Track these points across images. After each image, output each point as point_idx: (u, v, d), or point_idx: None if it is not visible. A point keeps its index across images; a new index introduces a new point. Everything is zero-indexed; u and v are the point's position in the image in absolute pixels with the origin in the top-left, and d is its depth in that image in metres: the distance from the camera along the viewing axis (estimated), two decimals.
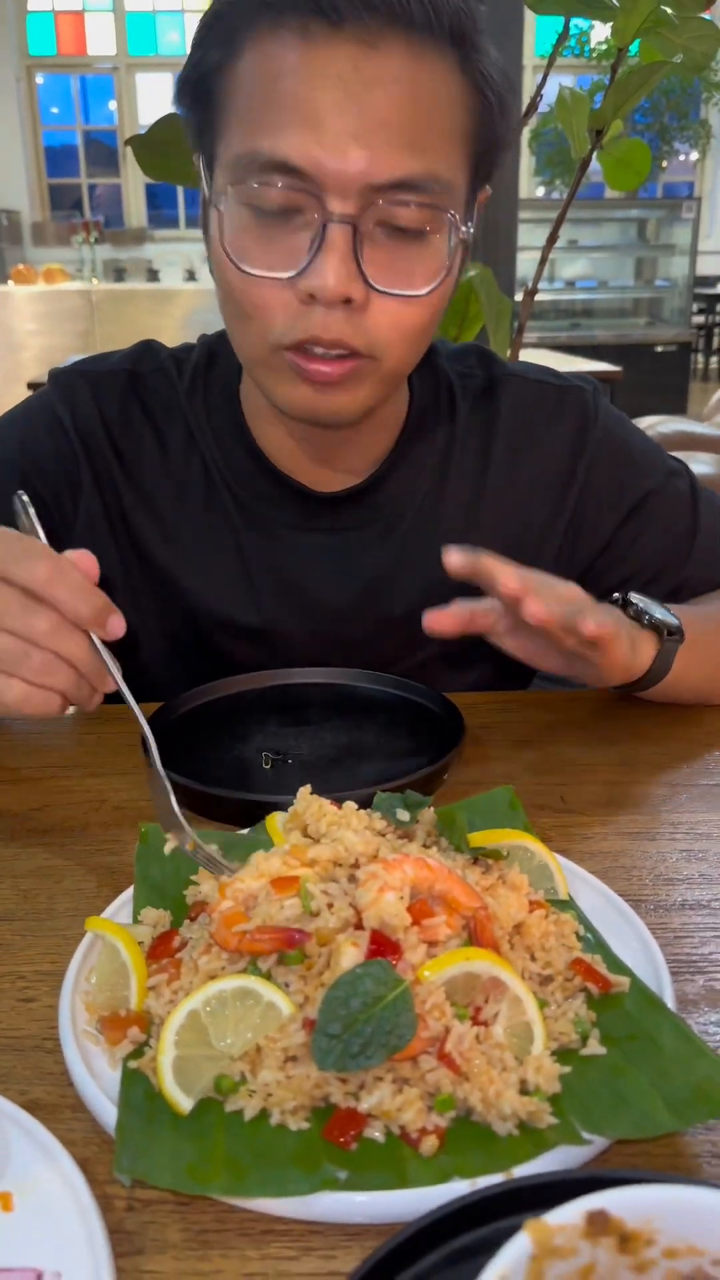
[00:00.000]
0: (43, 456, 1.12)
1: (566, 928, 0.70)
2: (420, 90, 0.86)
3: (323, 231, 0.87)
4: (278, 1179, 0.53)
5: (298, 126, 0.84)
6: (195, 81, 0.92)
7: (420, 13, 0.84)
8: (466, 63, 0.88)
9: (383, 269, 0.89)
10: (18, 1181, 0.54)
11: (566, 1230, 0.39)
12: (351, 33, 0.83)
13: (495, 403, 1.17)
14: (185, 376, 1.15)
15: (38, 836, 0.89)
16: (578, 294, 9.36)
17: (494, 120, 0.93)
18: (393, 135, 0.85)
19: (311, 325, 0.90)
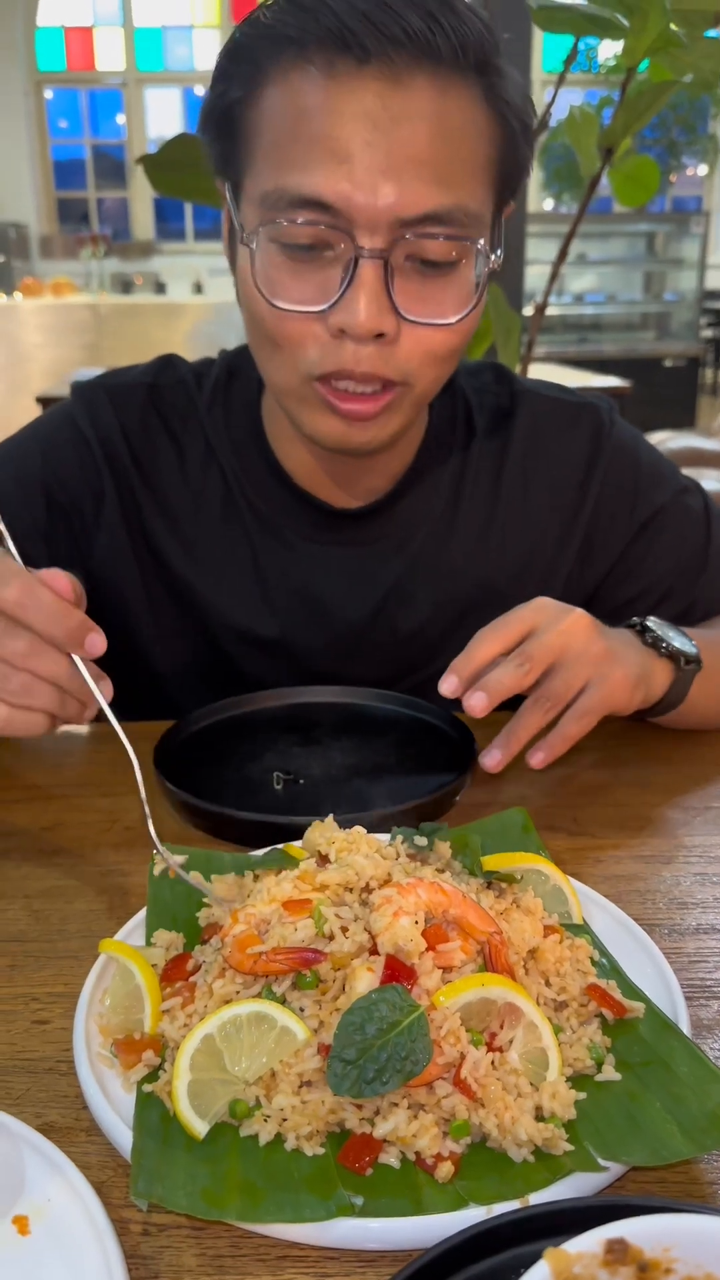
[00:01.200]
0: (65, 467, 1.13)
1: (581, 953, 0.70)
2: (447, 124, 0.86)
3: (354, 266, 0.87)
4: (293, 1204, 0.53)
5: (327, 163, 0.85)
6: (220, 113, 0.92)
7: (446, 46, 0.84)
8: (490, 91, 0.89)
9: (413, 300, 0.90)
10: (34, 1205, 0.54)
11: (585, 1259, 0.39)
12: (378, 69, 0.84)
13: (511, 420, 1.18)
14: (205, 391, 1.16)
15: (49, 856, 0.89)
16: (586, 308, 9.39)
17: (517, 145, 0.93)
18: (421, 170, 0.85)
19: (343, 358, 0.91)
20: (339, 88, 0.84)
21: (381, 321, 0.88)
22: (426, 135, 0.85)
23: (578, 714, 0.92)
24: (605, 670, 0.92)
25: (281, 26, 0.86)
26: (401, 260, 0.89)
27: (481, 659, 0.91)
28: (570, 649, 0.91)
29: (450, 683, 0.91)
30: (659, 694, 0.99)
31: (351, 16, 0.82)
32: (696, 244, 9.05)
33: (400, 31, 0.82)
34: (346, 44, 0.83)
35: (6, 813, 0.96)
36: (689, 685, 1.01)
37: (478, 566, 1.16)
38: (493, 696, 0.89)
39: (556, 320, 8.97)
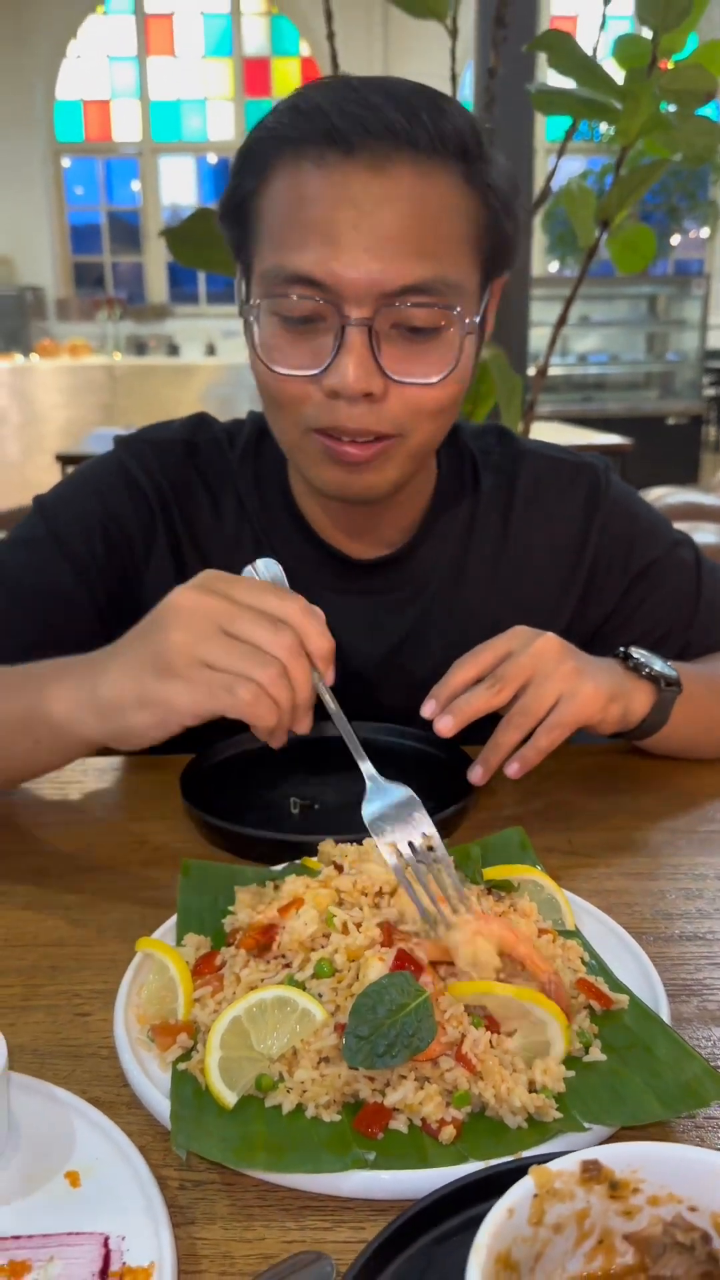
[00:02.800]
0: (122, 508, 1.21)
1: (572, 952, 0.77)
2: (427, 204, 0.96)
3: (342, 334, 0.97)
4: (313, 1159, 0.60)
5: (317, 244, 0.95)
6: (234, 205, 1.04)
7: (424, 137, 0.94)
8: (472, 175, 0.99)
9: (399, 362, 0.99)
10: (84, 1164, 0.61)
11: (564, 1176, 0.46)
12: (362, 158, 0.94)
13: (514, 478, 1.27)
14: (237, 448, 1.25)
15: (85, 874, 0.97)
16: (590, 368, 9.56)
17: (501, 223, 1.03)
18: (402, 246, 0.95)
19: (337, 416, 1.00)
20: (328, 177, 0.95)
21: (369, 382, 0.98)
22: (407, 215, 0.95)
23: (548, 727, 0.99)
24: (575, 686, 1.00)
25: (283, 129, 0.97)
26: (387, 327, 0.98)
27: (457, 684, 1.01)
28: (540, 669, 1.00)
29: (429, 707, 1.01)
30: (641, 714, 1.07)
31: (339, 116, 0.93)
32: (698, 305, 9.23)
33: (381, 126, 0.93)
34: (334, 139, 0.94)
35: (46, 835, 1.04)
36: (670, 708, 1.08)
37: (486, 614, 1.23)
38: (459, 717, 0.98)
39: (561, 380, 9.14)
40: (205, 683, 0.83)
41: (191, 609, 0.85)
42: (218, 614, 0.84)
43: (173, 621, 0.85)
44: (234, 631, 0.83)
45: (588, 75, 2.00)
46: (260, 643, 0.83)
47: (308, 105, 0.96)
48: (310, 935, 0.72)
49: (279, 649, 0.83)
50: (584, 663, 1.02)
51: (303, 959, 0.71)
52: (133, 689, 0.85)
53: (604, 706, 1.01)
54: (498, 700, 0.99)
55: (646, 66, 2.10)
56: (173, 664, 0.83)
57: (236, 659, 0.82)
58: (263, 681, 0.82)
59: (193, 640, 0.83)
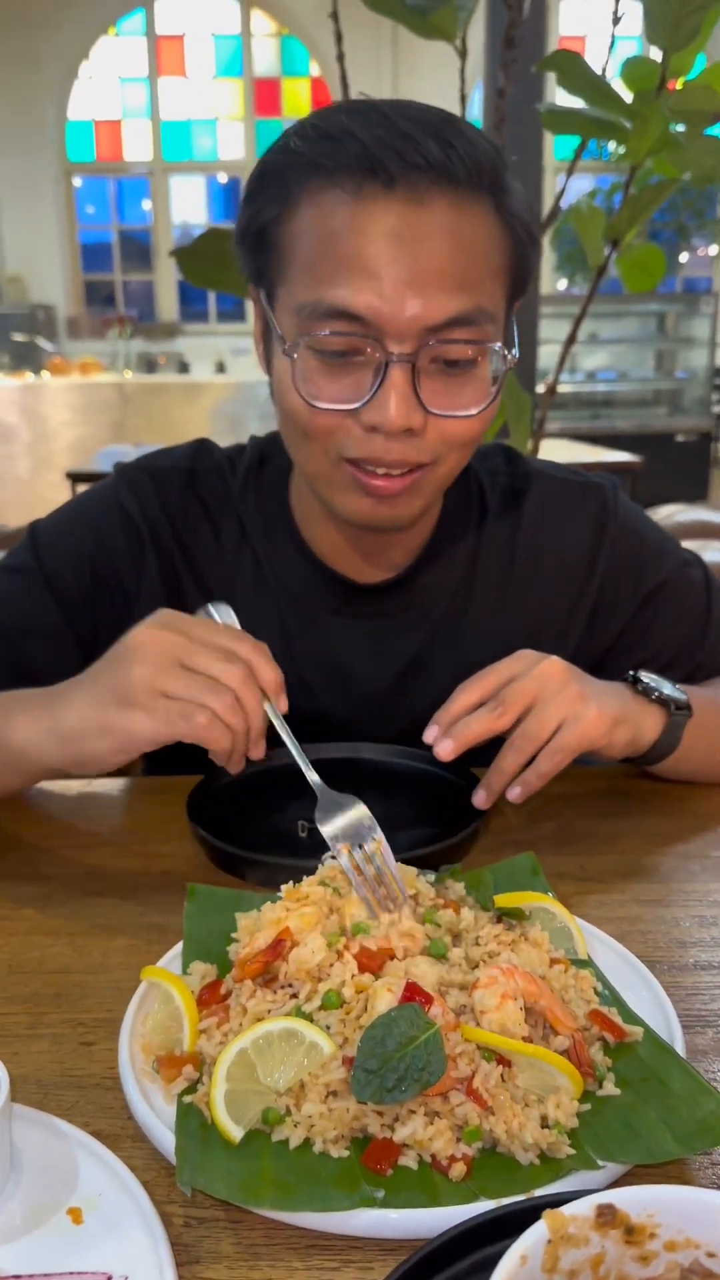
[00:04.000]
0: (113, 543, 1.21)
1: (585, 983, 0.76)
2: (463, 237, 0.95)
3: (385, 370, 0.96)
4: (321, 1197, 0.59)
5: (358, 278, 0.94)
6: (255, 230, 1.02)
7: (462, 170, 0.93)
8: (500, 206, 0.98)
9: (438, 396, 0.98)
10: (87, 1199, 0.60)
11: (579, 1220, 0.45)
12: (401, 193, 0.93)
13: (521, 499, 1.26)
14: (239, 475, 1.25)
15: (91, 898, 0.96)
16: (599, 385, 9.56)
17: (525, 251, 1.03)
18: (443, 280, 0.94)
19: (374, 449, 0.99)
20: (366, 210, 0.93)
21: (410, 419, 0.97)
22: (446, 249, 0.94)
23: (550, 752, 0.98)
24: (579, 710, 0.98)
25: (311, 154, 0.95)
26: (427, 363, 0.97)
27: (460, 708, 1.00)
28: (544, 692, 0.99)
29: (431, 732, 1.01)
30: (651, 739, 1.06)
31: (376, 146, 0.91)
32: (707, 323, 9.24)
33: (421, 159, 0.91)
34: (373, 170, 0.92)
35: (53, 859, 1.03)
36: (681, 732, 1.07)
37: (493, 637, 1.22)
38: (459, 741, 0.99)
39: (570, 397, 9.14)
40: (164, 711, 0.90)
41: (151, 645, 0.92)
42: (175, 649, 0.92)
43: (134, 657, 0.92)
44: (190, 664, 0.92)
45: (597, 95, 2.00)
46: (214, 674, 0.91)
47: (339, 131, 0.94)
48: (317, 964, 0.71)
49: (231, 679, 0.91)
50: (588, 687, 1.01)
51: (310, 989, 0.70)
52: (95, 718, 0.93)
53: (609, 731, 1.00)
54: (499, 724, 0.99)
55: (656, 87, 2.10)
56: (133, 695, 0.91)
57: (193, 689, 0.90)
58: (217, 709, 0.90)
59: (152, 673, 0.91)
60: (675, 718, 1.06)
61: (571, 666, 1.02)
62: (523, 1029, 0.66)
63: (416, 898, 0.82)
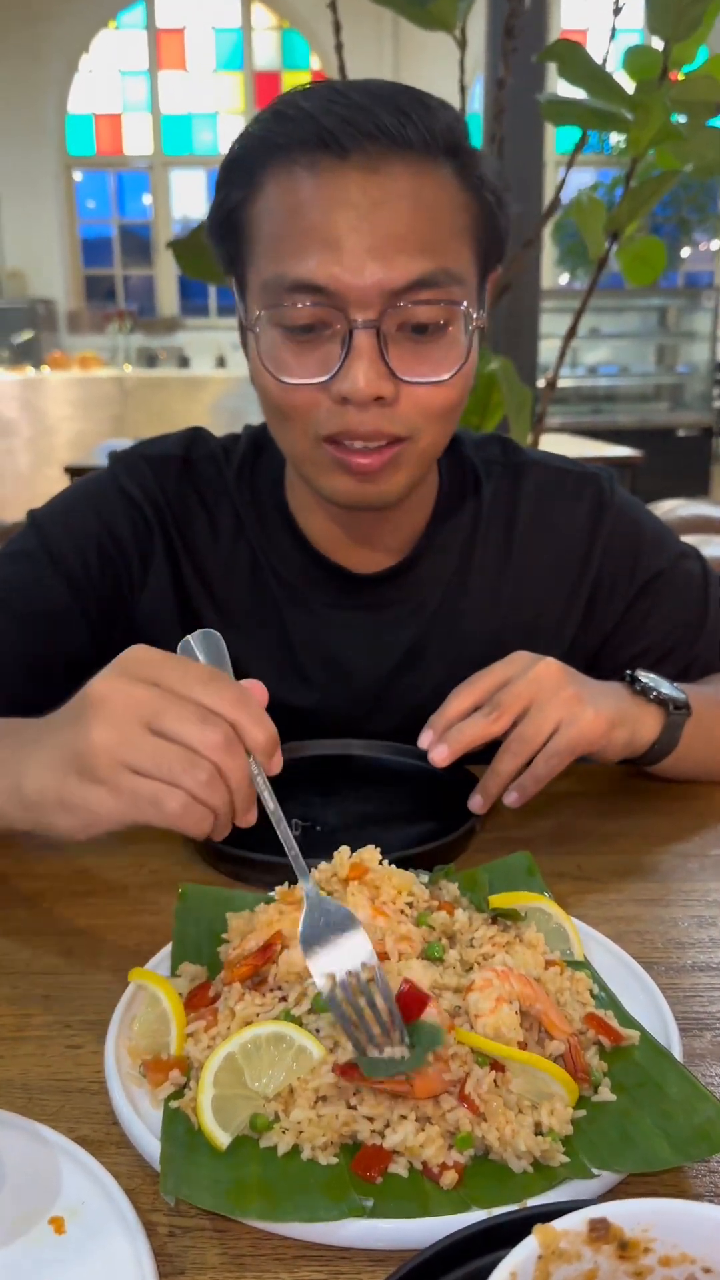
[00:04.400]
0: (118, 525, 1.19)
1: (581, 985, 0.74)
2: (423, 201, 0.95)
3: (349, 338, 0.95)
4: (309, 1206, 0.57)
5: (318, 249, 0.94)
6: (223, 219, 1.02)
7: (417, 136, 0.93)
8: (463, 171, 0.98)
9: (407, 362, 0.98)
10: (69, 1208, 0.59)
11: (570, 1235, 0.44)
12: (357, 161, 0.93)
13: (517, 488, 1.24)
14: (233, 465, 1.23)
15: (81, 898, 0.94)
16: (600, 380, 9.54)
17: (494, 216, 1.02)
18: (403, 243, 0.94)
19: (348, 421, 0.98)
20: (323, 182, 0.93)
21: (380, 386, 0.96)
22: (405, 213, 0.94)
23: (547, 755, 0.97)
24: (576, 712, 0.97)
25: (270, 136, 0.95)
26: (394, 329, 0.96)
27: (455, 712, 0.99)
28: (539, 695, 0.97)
29: (426, 737, 0.99)
30: (649, 739, 1.05)
31: (329, 119, 0.92)
32: (708, 318, 9.21)
33: (374, 128, 0.92)
34: (326, 144, 0.92)
35: (39, 858, 1.02)
36: (680, 731, 1.06)
37: (489, 627, 1.21)
38: (454, 747, 0.97)
39: (571, 392, 9.12)
40: (130, 791, 0.73)
41: (114, 702, 0.74)
42: (142, 708, 0.74)
43: (94, 716, 0.74)
44: (160, 729, 0.73)
45: (598, 85, 1.98)
46: (189, 741, 0.73)
47: (294, 111, 0.94)
48: (306, 967, 0.69)
49: (210, 748, 0.73)
50: (585, 688, 1.00)
51: (299, 992, 0.68)
52: (54, 789, 0.76)
53: (606, 733, 0.99)
54: (495, 728, 0.97)
55: (657, 77, 2.08)
56: (94, 767, 0.73)
57: (163, 764, 0.72)
58: (192, 789, 0.73)
59: (115, 741, 0.73)
60: (674, 717, 1.05)
61: (567, 668, 1.01)
62: (518, 1033, 0.65)
63: (413, 904, 0.80)
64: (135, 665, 0.76)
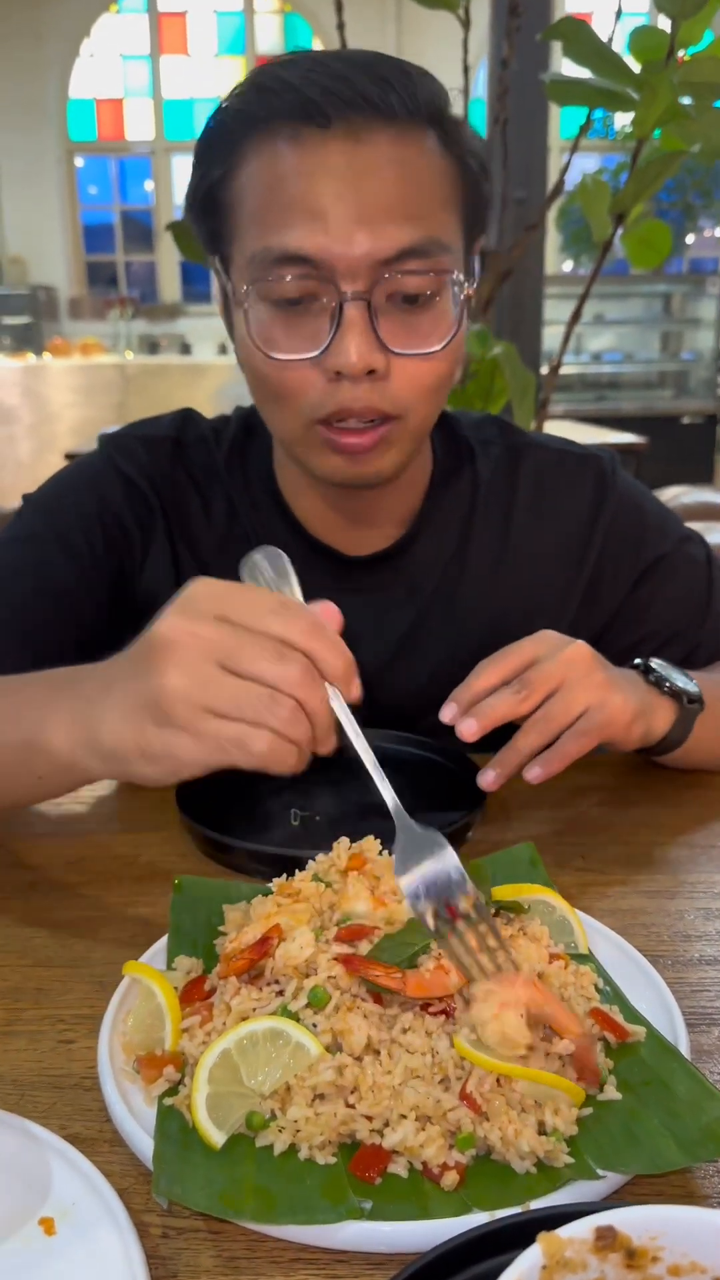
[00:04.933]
0: (118, 504, 1.17)
1: (585, 979, 0.72)
2: (407, 169, 0.93)
3: (340, 311, 0.94)
4: (305, 1208, 0.56)
5: (304, 220, 0.92)
6: (202, 196, 1.00)
7: (400, 104, 0.92)
8: (446, 139, 0.96)
9: (398, 334, 0.96)
10: (60, 1208, 0.57)
11: (576, 1244, 0.42)
12: (339, 131, 0.91)
13: (515, 470, 1.22)
14: (223, 448, 1.22)
15: (75, 889, 0.93)
16: (604, 367, 9.49)
17: (477, 183, 1.01)
18: (390, 212, 0.92)
19: (341, 399, 0.96)
20: (307, 153, 0.92)
21: (372, 358, 0.94)
22: (391, 181, 0.92)
23: (576, 734, 0.95)
24: (605, 697, 0.95)
25: (248, 108, 0.94)
26: (383, 300, 0.95)
27: (481, 688, 0.95)
28: (570, 677, 0.95)
29: (450, 710, 0.95)
30: (662, 731, 1.03)
31: (310, 89, 0.90)
32: (713, 304, 9.15)
33: (356, 96, 0.90)
34: (309, 114, 0.91)
35: (34, 847, 1.00)
36: (692, 724, 1.04)
37: (487, 612, 1.19)
38: (483, 721, 0.93)
39: (575, 378, 9.07)
40: (213, 735, 0.71)
41: (184, 644, 0.72)
42: (214, 648, 0.71)
43: (166, 661, 0.72)
44: (236, 669, 0.71)
45: (604, 64, 1.95)
46: (268, 679, 0.71)
47: (273, 83, 0.93)
48: (305, 960, 0.67)
49: (290, 684, 0.71)
50: (613, 675, 0.98)
51: (296, 986, 0.67)
52: (134, 739, 0.74)
53: (630, 722, 0.97)
54: (524, 707, 0.94)
55: (664, 57, 2.05)
56: (173, 714, 0.71)
57: (244, 705, 0.71)
58: (277, 727, 0.71)
59: (191, 685, 0.71)
60: (686, 711, 1.03)
61: (597, 653, 0.99)
62: (525, 1035, 0.62)
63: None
64: (202, 601, 0.74)
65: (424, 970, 0.65)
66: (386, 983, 0.64)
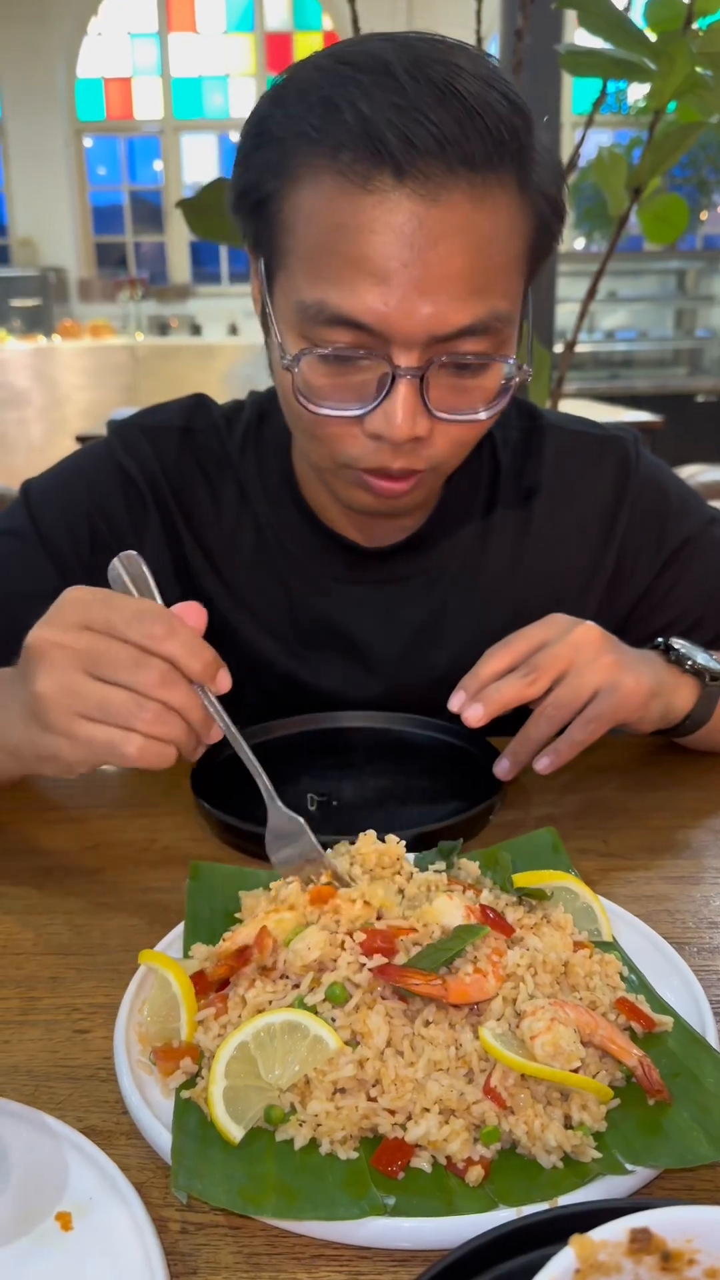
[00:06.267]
0: (111, 501, 1.16)
1: (610, 968, 0.71)
2: (481, 234, 0.87)
3: (391, 381, 0.89)
4: (327, 1203, 0.54)
5: (363, 282, 0.86)
6: (253, 201, 0.93)
7: (482, 150, 0.84)
8: (525, 181, 0.89)
9: (446, 400, 0.92)
10: (77, 1203, 0.56)
11: (610, 1246, 0.41)
12: (413, 186, 0.83)
13: (536, 454, 1.20)
14: (237, 434, 1.19)
15: (90, 874, 0.92)
16: (617, 345, 9.41)
17: (549, 227, 0.95)
18: (456, 286, 0.87)
19: (381, 458, 0.94)
20: (375, 204, 0.84)
21: (416, 427, 0.91)
22: (461, 250, 0.86)
23: (585, 720, 0.93)
24: (616, 679, 0.93)
25: (309, 126, 0.86)
26: (435, 370, 0.90)
27: (488, 674, 0.94)
28: (578, 659, 0.93)
29: (457, 698, 0.95)
30: (684, 710, 1.01)
31: (382, 122, 0.82)
32: None
33: (433, 141, 0.82)
34: (379, 155, 0.83)
35: (49, 832, 0.99)
36: (715, 703, 1.02)
37: (507, 601, 1.17)
38: (489, 706, 0.92)
39: (588, 357, 9.00)
40: (86, 739, 0.77)
41: (52, 653, 0.77)
42: (80, 657, 0.77)
43: (38, 670, 0.77)
44: (102, 676, 0.76)
45: (620, 33, 1.91)
46: (131, 684, 0.76)
47: (338, 97, 0.84)
48: (316, 960, 0.66)
49: (151, 688, 0.76)
50: (625, 655, 0.96)
51: (313, 979, 0.65)
52: (27, 741, 0.81)
53: (644, 703, 0.95)
54: (532, 690, 0.93)
55: (681, 27, 2.01)
56: (48, 720, 0.77)
57: (110, 710, 0.76)
58: (144, 730, 0.76)
59: (61, 693, 0.76)
60: (709, 689, 1.01)
61: (607, 634, 0.97)
62: (578, 1048, 0.60)
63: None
64: (68, 611, 0.79)
65: (463, 975, 0.63)
66: (427, 991, 0.62)
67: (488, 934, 0.66)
